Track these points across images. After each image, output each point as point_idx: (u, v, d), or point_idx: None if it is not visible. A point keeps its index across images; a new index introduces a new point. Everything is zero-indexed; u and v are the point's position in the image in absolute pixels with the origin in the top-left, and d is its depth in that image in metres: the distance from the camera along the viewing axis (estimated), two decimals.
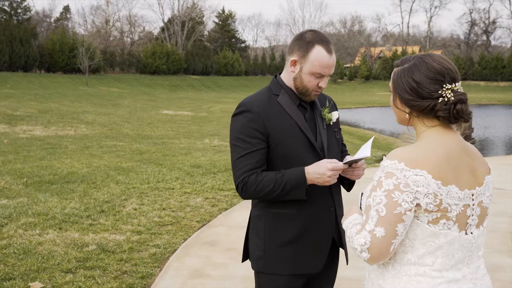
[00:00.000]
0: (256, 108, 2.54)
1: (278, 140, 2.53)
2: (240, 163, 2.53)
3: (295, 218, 2.58)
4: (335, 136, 2.73)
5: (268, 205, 2.61)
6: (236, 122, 2.57)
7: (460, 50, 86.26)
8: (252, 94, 2.71)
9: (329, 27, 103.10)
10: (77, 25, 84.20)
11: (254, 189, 2.49)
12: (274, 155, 2.55)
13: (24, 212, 6.88)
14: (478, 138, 20.91)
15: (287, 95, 2.62)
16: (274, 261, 2.60)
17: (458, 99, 1.89)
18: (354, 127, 26.57)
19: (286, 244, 2.58)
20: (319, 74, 2.54)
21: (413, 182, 1.82)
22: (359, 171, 2.61)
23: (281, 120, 2.55)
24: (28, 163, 10.87)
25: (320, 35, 2.58)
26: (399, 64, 2.03)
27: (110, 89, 52.07)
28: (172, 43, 75.67)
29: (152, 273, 5.05)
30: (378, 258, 1.87)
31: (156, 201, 7.73)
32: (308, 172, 2.46)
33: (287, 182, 2.46)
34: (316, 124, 2.66)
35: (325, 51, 2.53)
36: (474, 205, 1.92)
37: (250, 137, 2.51)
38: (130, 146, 14.40)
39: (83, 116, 24.02)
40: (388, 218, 1.83)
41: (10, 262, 5.16)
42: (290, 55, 2.61)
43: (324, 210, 2.62)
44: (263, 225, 2.62)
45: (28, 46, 55.80)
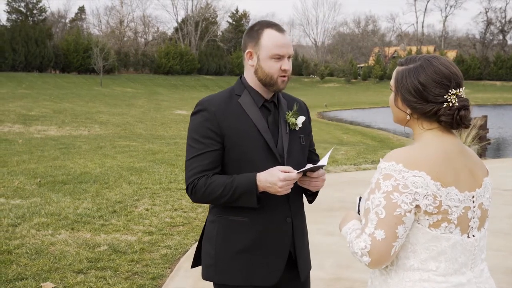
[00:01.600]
0: (213, 108, 2.42)
1: (233, 142, 2.41)
2: (192, 164, 2.41)
3: (249, 227, 2.44)
4: (300, 142, 2.57)
5: (223, 211, 2.48)
6: (193, 122, 2.47)
7: (476, 49, 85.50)
8: (214, 93, 2.60)
9: (343, 27, 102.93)
10: (91, 25, 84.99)
11: (203, 192, 2.38)
12: (228, 158, 2.43)
13: (37, 212, 6.92)
14: (493, 138, 20.71)
15: (249, 96, 2.49)
16: (226, 270, 2.47)
17: (462, 105, 1.87)
18: (368, 128, 26.46)
19: (238, 253, 2.45)
20: (278, 55, 2.42)
21: (412, 183, 1.79)
22: (317, 182, 2.46)
23: (239, 121, 2.43)
24: (42, 163, 10.95)
25: (267, 21, 2.52)
26: (404, 63, 1.98)
27: (124, 89, 52.39)
28: (185, 43, 75.94)
29: (163, 274, 5.05)
30: (379, 262, 1.84)
31: (168, 202, 7.74)
32: (260, 179, 2.32)
33: (237, 188, 2.33)
34: (279, 128, 2.51)
35: (276, 31, 2.44)
36: (475, 207, 1.90)
37: (204, 137, 2.40)
38: (143, 146, 14.45)
39: (97, 116, 24.18)
40: (388, 220, 1.80)
41: (23, 262, 5.19)
42: (245, 49, 2.53)
43: (280, 219, 2.47)
44: (216, 232, 2.50)
45: (44, 46, 56.40)
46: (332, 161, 11.55)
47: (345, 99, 51.87)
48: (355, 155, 13.24)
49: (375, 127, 26.89)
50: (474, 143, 12.92)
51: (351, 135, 22.35)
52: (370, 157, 12.80)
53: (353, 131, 24.37)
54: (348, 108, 42.34)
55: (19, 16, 64.95)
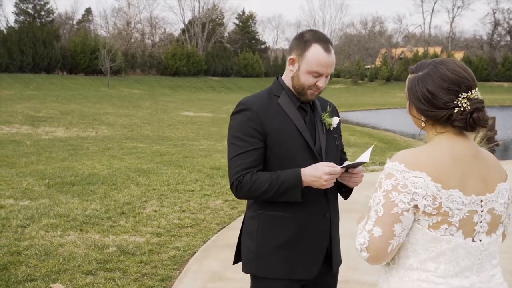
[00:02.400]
0: (255, 107, 2.51)
1: (275, 141, 2.50)
2: (236, 162, 2.49)
3: (288, 222, 2.53)
4: (335, 141, 2.68)
5: (262, 207, 2.57)
6: (235, 121, 2.55)
7: (483, 51, 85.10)
8: (253, 94, 2.68)
9: (350, 28, 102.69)
10: (98, 27, 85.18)
11: (248, 188, 2.45)
12: (270, 156, 2.52)
13: (46, 214, 6.95)
14: (501, 140, 20.60)
15: (287, 97, 2.59)
16: (267, 264, 2.56)
17: (474, 108, 1.85)
18: (374, 129, 26.40)
19: (278, 247, 2.54)
20: (317, 73, 2.51)
21: (412, 183, 1.81)
22: (356, 178, 2.55)
23: (279, 121, 2.53)
24: (50, 164, 11.00)
25: (320, 34, 2.56)
26: (414, 71, 1.98)
27: (131, 90, 52.51)
28: (192, 45, 76.01)
29: (171, 276, 5.06)
30: (376, 258, 1.87)
31: (176, 203, 7.75)
32: (305, 174, 2.42)
33: (283, 183, 2.42)
34: (316, 128, 2.62)
35: (323, 50, 2.50)
36: (483, 212, 1.88)
37: (248, 136, 2.49)
38: (150, 147, 14.48)
39: (104, 118, 24.25)
40: (386, 218, 1.83)
41: (32, 263, 5.21)
42: (289, 54, 2.59)
43: (319, 215, 2.58)
44: (256, 227, 2.58)
45: (51, 48, 56.58)
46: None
47: (352, 100, 51.78)
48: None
49: (382, 129, 26.81)
50: (482, 145, 12.86)
51: (358, 136, 22.28)
52: (377, 159, 12.77)
53: (360, 132, 24.30)
54: (355, 109, 42.22)
55: (27, 17, 65.21)
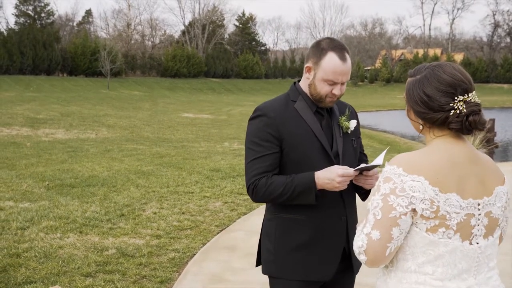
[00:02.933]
0: (272, 113, 2.57)
1: (291, 145, 2.55)
2: (252, 166, 2.55)
3: (305, 224, 2.58)
4: (352, 145, 2.71)
5: (279, 209, 2.62)
6: (252, 126, 2.61)
7: (483, 52, 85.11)
8: (270, 99, 2.73)
9: (350, 30, 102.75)
10: (99, 28, 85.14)
11: (264, 191, 2.51)
12: (287, 160, 2.57)
13: (46, 216, 6.96)
14: (501, 142, 20.59)
15: (304, 102, 2.64)
16: (284, 265, 2.61)
17: (470, 111, 1.87)
18: (374, 131, 26.41)
19: (296, 249, 2.59)
20: (332, 81, 2.55)
21: (409, 187, 1.83)
22: (372, 180, 2.58)
23: (296, 126, 2.58)
24: (50, 166, 11.01)
25: (336, 42, 2.59)
26: (412, 74, 2.01)
27: (131, 92, 52.54)
28: (192, 46, 76.05)
29: (171, 278, 5.07)
30: (374, 261, 1.89)
31: (175, 205, 7.76)
32: (318, 177, 2.47)
33: (297, 186, 2.47)
34: (333, 131, 2.66)
35: (338, 58, 2.53)
36: (480, 215, 1.90)
37: (264, 141, 2.55)
38: (150, 149, 14.49)
39: (104, 119, 24.26)
40: (383, 222, 1.85)
41: (32, 265, 5.22)
42: (306, 62, 2.65)
43: (335, 218, 2.62)
44: (274, 229, 2.64)
45: (51, 49, 56.64)
46: None
47: (352, 102, 51.17)
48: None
49: (382, 130, 26.82)
50: (481, 146, 12.86)
51: None
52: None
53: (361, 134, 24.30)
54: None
55: (27, 19, 65.24)
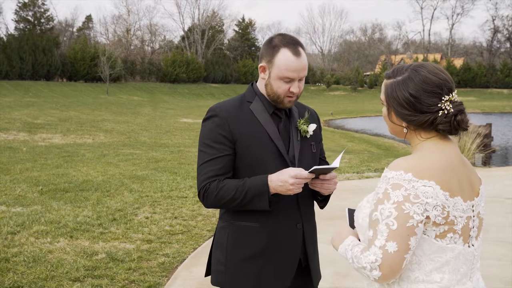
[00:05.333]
0: (224, 113, 2.45)
1: (244, 148, 2.42)
2: (204, 169, 2.42)
3: (259, 232, 2.45)
4: (311, 149, 2.59)
5: (233, 217, 2.49)
6: (204, 127, 2.49)
7: (483, 57, 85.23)
8: (225, 100, 2.62)
9: (350, 35, 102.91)
10: (98, 34, 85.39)
11: (214, 196, 2.38)
12: (240, 163, 2.44)
13: (37, 220, 6.92)
14: (500, 146, 20.55)
15: (260, 103, 2.51)
16: (235, 277, 2.47)
17: (457, 110, 1.82)
18: (373, 136, 26.38)
19: (248, 259, 2.46)
20: (288, 78, 2.42)
21: (423, 193, 1.74)
22: (329, 185, 2.44)
23: (250, 128, 2.45)
24: (45, 171, 10.97)
25: (288, 38, 2.48)
26: (391, 76, 1.92)
27: (130, 97, 52.56)
28: (192, 52, 76.18)
29: (159, 283, 5.03)
30: (389, 276, 1.76)
31: (168, 210, 7.72)
32: (271, 179, 2.33)
33: (249, 190, 2.34)
34: (291, 135, 2.53)
35: (291, 54, 2.41)
36: (474, 217, 1.87)
37: (216, 143, 2.42)
38: (147, 154, 14.46)
39: (102, 124, 24.24)
40: (400, 232, 1.73)
41: (20, 270, 5.17)
42: (260, 62, 2.53)
43: (290, 225, 2.48)
44: (226, 239, 2.50)
45: (51, 55, 56.75)
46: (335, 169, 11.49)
47: (351, 107, 51.82)
48: (359, 163, 13.20)
49: (380, 135, 26.78)
50: (479, 151, 12.83)
51: (356, 143, 22.27)
52: (373, 165, 12.74)
53: (358, 139, 24.30)
54: (354, 116, 42.26)
55: (27, 25, 65.43)
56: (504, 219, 7.38)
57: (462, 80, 75.74)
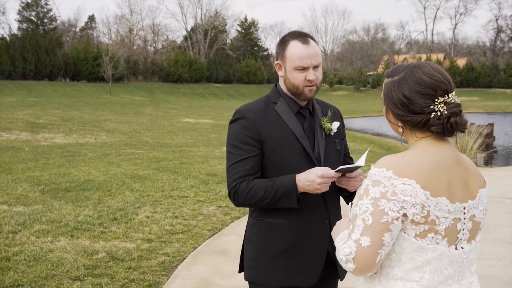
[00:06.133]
0: (251, 115, 2.52)
1: (272, 148, 2.50)
2: (233, 170, 2.50)
3: (287, 229, 2.52)
4: (336, 147, 2.66)
5: (262, 214, 2.57)
6: (232, 129, 2.57)
7: (486, 57, 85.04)
8: (251, 101, 2.68)
9: (352, 35, 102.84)
10: (101, 34, 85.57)
11: (245, 196, 2.46)
12: (268, 163, 2.52)
13: (38, 219, 6.94)
14: (503, 146, 20.50)
15: (285, 103, 2.59)
16: (266, 271, 2.55)
17: (451, 113, 1.82)
18: (376, 135, 26.36)
19: (278, 254, 2.53)
20: (301, 67, 2.49)
21: (401, 191, 1.75)
22: (355, 182, 2.51)
23: (276, 128, 2.52)
24: (47, 171, 11.00)
25: (297, 32, 2.56)
26: (390, 75, 1.95)
27: (133, 97, 52.62)
28: (194, 52, 76.25)
29: (159, 282, 5.04)
30: (363, 269, 1.80)
31: (169, 209, 7.74)
32: (299, 179, 2.41)
33: (278, 189, 2.42)
34: (315, 133, 2.60)
35: (300, 43, 2.49)
36: (466, 219, 1.85)
37: (244, 144, 2.49)
38: (148, 154, 14.48)
39: (105, 124, 24.28)
40: (375, 227, 1.75)
41: (20, 269, 5.20)
42: (275, 60, 2.61)
43: (318, 221, 2.56)
44: (256, 235, 2.59)
45: (54, 55, 56.83)
46: None
47: (354, 107, 51.76)
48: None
49: (383, 135, 26.74)
50: (481, 151, 12.82)
51: (359, 143, 22.25)
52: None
53: (361, 139, 24.27)
54: (356, 116, 42.19)
55: (30, 25, 65.52)
56: (504, 219, 7.38)
57: (465, 80, 75.59)
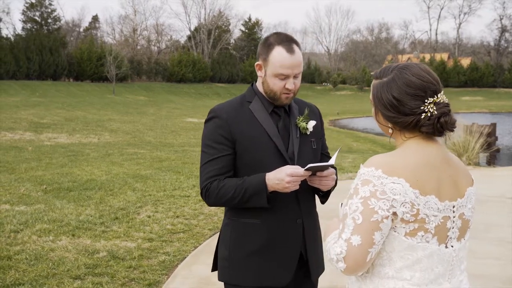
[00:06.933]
0: (225, 115, 2.52)
1: (244, 147, 2.50)
2: (206, 169, 2.51)
3: (260, 229, 2.52)
4: (311, 146, 2.64)
5: (235, 214, 2.57)
6: (206, 129, 2.57)
7: (490, 57, 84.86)
8: (226, 100, 2.68)
9: (356, 35, 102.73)
10: (105, 34, 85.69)
11: (215, 195, 2.46)
12: (240, 163, 2.52)
13: (40, 219, 6.98)
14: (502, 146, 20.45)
15: (260, 102, 2.58)
16: (239, 272, 2.55)
17: (441, 113, 1.84)
18: (378, 135, 26.34)
19: (251, 255, 2.53)
20: (282, 75, 2.48)
21: (390, 189, 1.76)
22: (327, 181, 2.49)
23: (249, 127, 2.51)
24: (49, 170, 11.04)
25: (283, 36, 2.53)
26: (378, 77, 1.95)
27: (137, 97, 52.71)
28: (198, 52, 76.32)
29: (159, 281, 5.07)
30: (354, 269, 1.81)
31: (170, 209, 7.76)
32: (269, 178, 2.40)
33: (247, 189, 2.41)
34: (290, 132, 2.58)
35: (285, 51, 2.46)
36: (455, 217, 1.86)
37: (217, 143, 2.50)
38: (151, 153, 14.52)
39: (108, 124, 24.35)
40: (365, 226, 1.77)
41: (21, 268, 5.23)
42: (257, 60, 2.60)
43: (290, 221, 2.54)
44: (229, 235, 2.59)
45: (57, 55, 57.04)
46: (339, 169, 11.52)
47: (357, 107, 51.72)
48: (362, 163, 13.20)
49: (385, 135, 26.72)
50: (482, 151, 12.81)
51: (361, 143, 22.27)
52: None
53: (364, 138, 24.29)
54: (360, 115, 42.19)
55: (34, 25, 65.70)
56: (505, 219, 7.38)
57: (470, 79, 75.50)
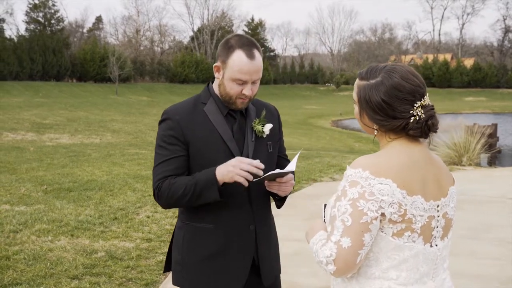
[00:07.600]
0: (177, 116, 2.46)
1: (197, 149, 2.44)
2: (158, 170, 2.45)
3: (213, 234, 2.48)
4: (267, 149, 2.57)
5: (188, 218, 2.52)
6: (159, 130, 2.52)
7: (493, 57, 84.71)
8: (179, 102, 2.63)
9: (359, 35, 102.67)
10: (108, 35, 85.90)
11: (167, 194, 2.40)
12: (194, 165, 2.46)
13: (39, 219, 6.99)
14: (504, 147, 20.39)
15: (214, 104, 2.51)
16: (192, 276, 2.51)
17: (428, 116, 1.84)
18: None
19: (204, 259, 2.49)
20: (240, 81, 2.41)
21: (378, 190, 1.76)
22: (286, 187, 2.46)
23: (203, 129, 2.46)
24: (50, 171, 11.07)
25: (244, 39, 2.45)
26: (364, 77, 1.92)
27: (139, 97, 52.79)
28: (201, 52, 76.41)
29: (156, 281, 5.07)
30: (344, 271, 1.81)
31: (169, 209, 7.76)
32: (219, 169, 2.34)
33: (197, 183, 2.35)
34: (245, 135, 2.52)
35: (245, 56, 2.39)
36: (439, 217, 1.87)
37: (169, 145, 2.44)
38: (152, 154, 14.52)
39: (110, 125, 24.39)
40: (354, 228, 1.77)
41: (19, 267, 5.24)
42: (216, 61, 2.51)
43: (243, 227, 2.50)
44: (182, 239, 2.54)
45: (61, 56, 57.20)
46: (339, 169, 11.51)
47: None
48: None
49: None
50: (484, 151, 12.79)
51: (363, 143, 22.26)
52: None
53: (365, 139, 24.26)
54: None
55: (37, 26, 65.84)
56: (505, 219, 7.36)
57: (473, 80, 75.38)
